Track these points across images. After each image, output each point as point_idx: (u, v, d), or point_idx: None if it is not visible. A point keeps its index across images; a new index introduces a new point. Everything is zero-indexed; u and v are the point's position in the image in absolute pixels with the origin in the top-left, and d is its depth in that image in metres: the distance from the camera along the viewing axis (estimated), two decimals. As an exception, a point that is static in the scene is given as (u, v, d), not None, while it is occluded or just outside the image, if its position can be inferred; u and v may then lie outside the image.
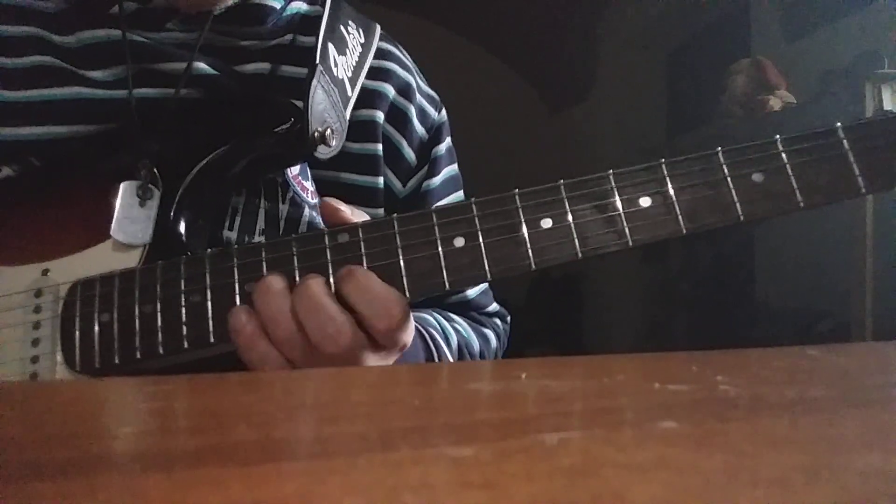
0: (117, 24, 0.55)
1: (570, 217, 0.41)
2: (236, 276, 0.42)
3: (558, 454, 0.17)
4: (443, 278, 0.41)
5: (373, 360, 0.42)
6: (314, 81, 0.50)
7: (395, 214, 0.42)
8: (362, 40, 0.61)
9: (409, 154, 0.64)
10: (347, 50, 0.58)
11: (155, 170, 0.48)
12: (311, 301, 0.40)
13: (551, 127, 3.38)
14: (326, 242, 0.42)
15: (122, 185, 0.48)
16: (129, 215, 0.47)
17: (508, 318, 0.73)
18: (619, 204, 0.40)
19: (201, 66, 0.55)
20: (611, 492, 0.15)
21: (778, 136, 0.41)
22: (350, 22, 0.60)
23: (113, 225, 0.47)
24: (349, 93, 0.57)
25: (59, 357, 0.44)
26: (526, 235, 0.41)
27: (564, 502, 0.14)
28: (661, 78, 2.82)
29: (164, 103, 0.53)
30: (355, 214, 0.44)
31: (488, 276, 0.41)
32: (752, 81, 2.02)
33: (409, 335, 0.43)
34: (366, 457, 0.17)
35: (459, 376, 0.34)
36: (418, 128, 0.65)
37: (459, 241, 0.41)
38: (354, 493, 0.15)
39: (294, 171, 0.56)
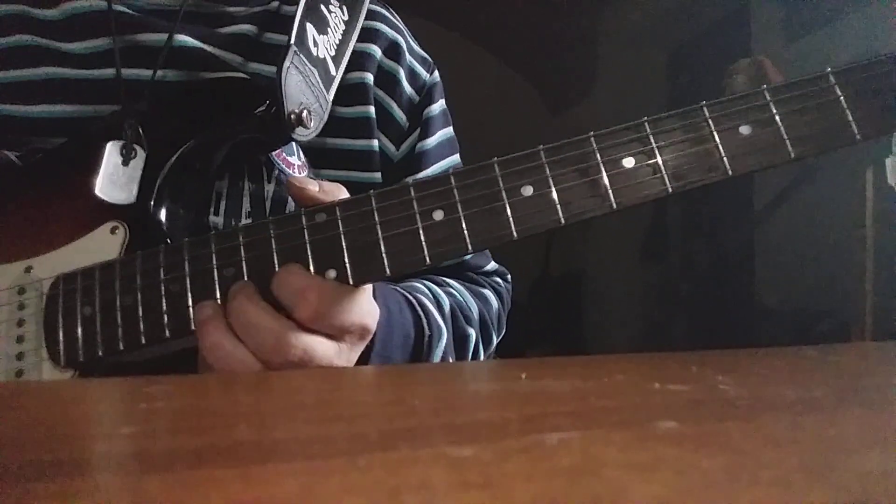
0: None
1: (551, 183, 0.39)
2: (214, 263, 0.42)
3: (558, 454, 0.17)
4: (423, 254, 0.40)
5: (334, 355, 0.40)
6: (286, 63, 0.49)
7: (372, 191, 0.41)
8: (346, 17, 0.60)
9: (400, 115, 0.63)
10: (329, 29, 0.57)
11: (139, 129, 0.48)
12: (244, 318, 0.39)
13: (551, 127, 3.38)
14: (304, 223, 0.41)
15: (107, 145, 0.48)
16: (114, 174, 0.48)
17: (509, 277, 0.72)
18: (601, 166, 0.39)
19: (183, 38, 0.55)
20: (611, 492, 0.15)
21: (764, 86, 0.39)
22: (332, 0, 0.60)
23: (98, 182, 0.47)
24: (333, 72, 0.56)
25: (44, 353, 0.44)
26: (507, 204, 0.39)
27: (564, 502, 0.14)
28: (661, 78, 2.82)
29: (144, 84, 0.53)
30: (324, 190, 0.43)
31: (469, 248, 0.39)
32: (752, 81, 2.02)
33: (359, 317, 0.41)
34: (366, 457, 0.17)
35: (459, 376, 0.34)
36: (408, 89, 0.64)
37: (438, 215, 0.40)
38: (354, 493, 0.15)
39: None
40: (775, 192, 2.02)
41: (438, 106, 0.67)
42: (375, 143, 0.61)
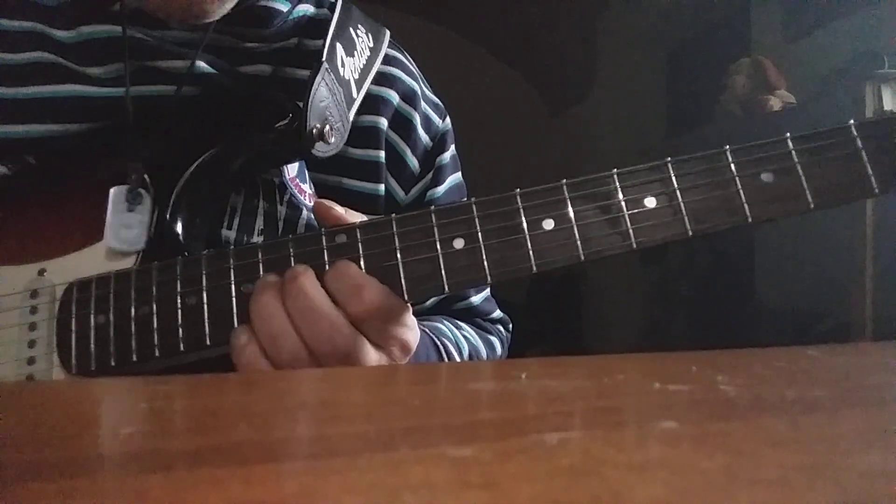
0: (119, 21, 0.54)
1: (572, 218, 0.39)
2: (233, 278, 0.42)
3: (558, 454, 0.17)
4: (442, 281, 0.40)
5: (375, 363, 0.42)
6: (318, 77, 0.50)
7: (393, 214, 0.41)
8: (371, 44, 0.60)
9: (413, 162, 0.64)
10: (356, 52, 0.58)
11: (145, 175, 0.48)
12: (302, 299, 0.39)
13: (551, 127, 3.38)
14: (324, 243, 0.41)
15: (111, 191, 0.47)
16: (121, 221, 0.47)
17: (510, 326, 0.73)
18: (623, 205, 0.39)
19: (202, 64, 0.55)
20: (611, 492, 0.15)
21: (788, 134, 0.39)
22: (360, 26, 0.60)
23: (106, 232, 0.46)
24: (354, 94, 0.56)
25: (55, 359, 0.44)
26: (527, 237, 0.39)
27: (564, 502, 0.14)
28: (661, 78, 2.82)
29: (162, 102, 0.53)
30: (350, 214, 0.44)
31: (488, 278, 0.40)
32: (752, 81, 2.02)
33: (405, 331, 0.42)
34: (366, 457, 0.17)
35: (459, 376, 0.34)
36: (423, 136, 0.64)
37: (459, 243, 0.40)
38: (354, 493, 0.15)
39: (291, 173, 0.56)
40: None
41: (449, 153, 0.68)
42: (382, 187, 0.61)
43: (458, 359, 0.57)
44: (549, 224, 0.40)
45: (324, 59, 0.52)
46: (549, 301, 3.19)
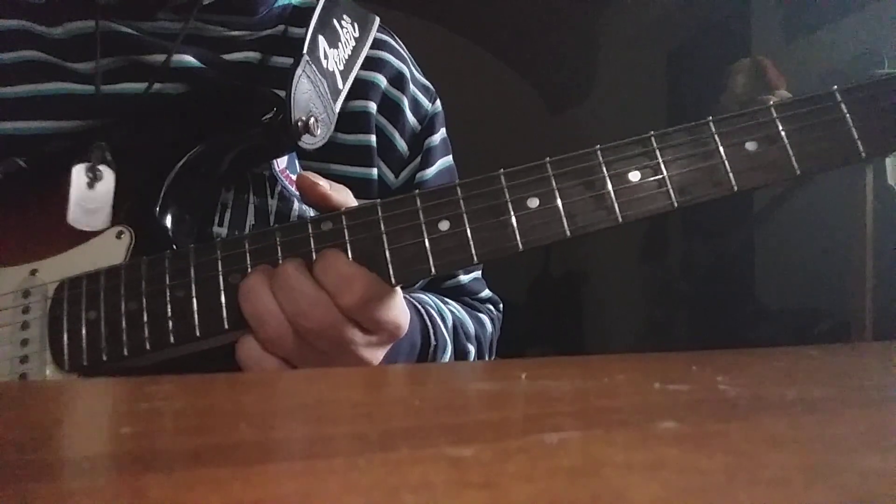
0: (104, 15, 0.54)
1: (557, 196, 0.39)
2: (220, 269, 0.42)
3: (558, 454, 0.17)
4: (429, 263, 0.40)
5: (364, 346, 0.42)
6: (298, 70, 0.50)
7: (378, 200, 0.42)
8: (356, 34, 0.60)
9: (402, 145, 0.64)
10: (340, 43, 0.58)
11: (107, 153, 0.48)
12: (285, 280, 0.40)
13: (551, 127, 3.38)
14: (310, 231, 0.41)
15: (73, 169, 0.47)
16: (82, 200, 0.47)
17: (501, 306, 0.73)
18: (607, 180, 0.39)
19: (186, 58, 0.55)
20: (611, 492, 0.15)
21: (771, 102, 0.39)
22: (345, 16, 0.60)
23: (69, 212, 0.46)
24: (340, 85, 0.56)
25: (48, 356, 0.44)
26: (512, 216, 0.39)
27: (564, 502, 0.14)
28: (661, 78, 2.82)
29: (148, 99, 0.53)
30: (334, 188, 0.44)
31: (475, 259, 0.40)
32: (752, 81, 2.02)
33: (395, 315, 0.42)
34: (365, 457, 0.17)
35: (459, 376, 0.35)
36: (411, 119, 0.65)
37: (444, 225, 0.40)
38: (354, 493, 0.15)
39: (281, 164, 0.56)
40: (775, 193, 2.02)
41: (439, 136, 0.68)
42: (374, 171, 0.62)
43: (441, 325, 0.57)
44: (533, 202, 0.40)
45: (304, 51, 0.52)
46: (549, 301, 3.19)
